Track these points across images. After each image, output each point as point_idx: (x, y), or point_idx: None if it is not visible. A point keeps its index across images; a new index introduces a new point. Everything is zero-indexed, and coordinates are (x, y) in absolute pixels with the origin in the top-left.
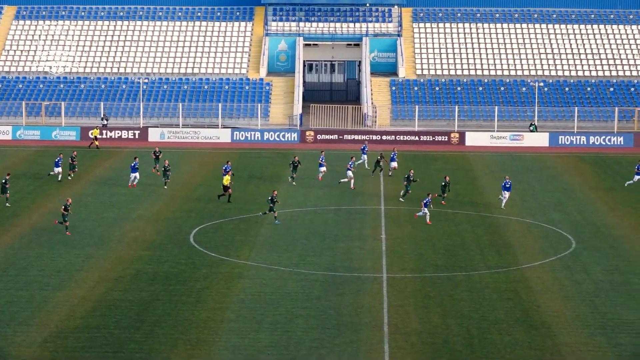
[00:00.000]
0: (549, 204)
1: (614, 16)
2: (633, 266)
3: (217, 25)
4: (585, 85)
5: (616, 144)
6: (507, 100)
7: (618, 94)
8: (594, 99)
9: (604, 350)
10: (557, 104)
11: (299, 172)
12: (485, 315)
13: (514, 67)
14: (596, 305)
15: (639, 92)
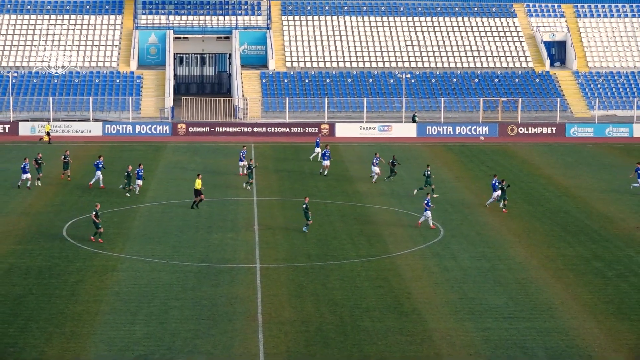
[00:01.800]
0: (418, 193)
1: (478, 9)
2: (499, 253)
3: (87, 18)
4: (450, 77)
5: (481, 134)
6: (375, 92)
7: (482, 85)
8: (460, 90)
9: (472, 334)
10: (424, 95)
11: (177, 166)
12: (358, 303)
13: (382, 60)
14: (464, 291)
15: (503, 83)
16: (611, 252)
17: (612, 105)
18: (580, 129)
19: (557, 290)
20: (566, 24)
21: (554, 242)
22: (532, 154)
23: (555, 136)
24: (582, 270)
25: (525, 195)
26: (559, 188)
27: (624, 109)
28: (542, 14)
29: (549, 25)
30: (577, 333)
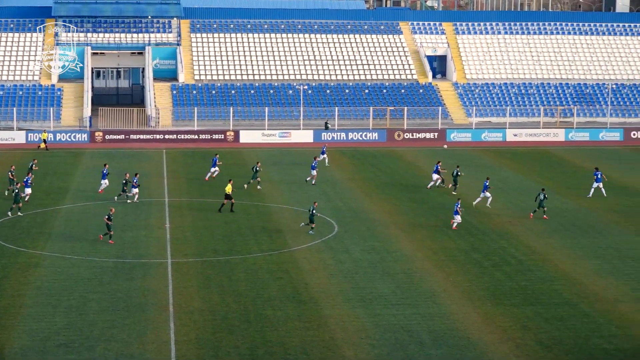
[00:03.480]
0: (314, 193)
1: (368, 27)
2: (387, 246)
3: (11, 35)
4: (344, 88)
5: (371, 139)
6: (276, 102)
7: (372, 95)
8: (352, 99)
9: (363, 320)
10: (320, 104)
11: (96, 170)
12: (260, 293)
13: (282, 72)
14: (356, 281)
15: (390, 93)
16: (487, 244)
17: (487, 113)
18: (459, 134)
19: (439, 279)
20: (446, 40)
21: (437, 236)
22: (417, 157)
23: (438, 141)
24: (461, 261)
25: (412, 194)
26: (440, 187)
27: (497, 116)
28: (425, 32)
29: (431, 41)
30: (457, 317)
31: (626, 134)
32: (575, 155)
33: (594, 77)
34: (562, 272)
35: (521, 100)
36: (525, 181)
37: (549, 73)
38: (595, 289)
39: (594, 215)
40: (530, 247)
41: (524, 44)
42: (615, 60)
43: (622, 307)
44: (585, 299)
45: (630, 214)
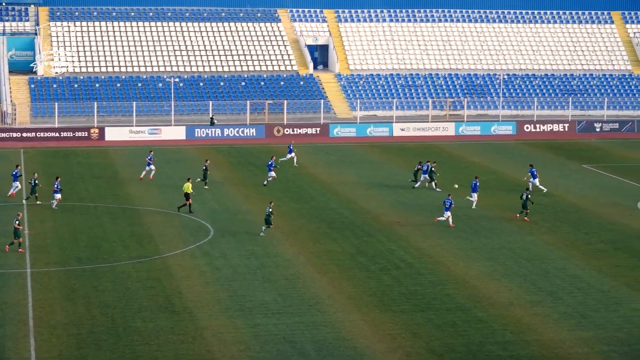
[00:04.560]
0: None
1: (243, 14)
2: (268, 250)
3: None
4: (218, 80)
5: (249, 135)
6: (144, 96)
7: (249, 88)
8: (227, 93)
9: (242, 331)
10: (193, 98)
11: None
12: (129, 304)
13: (151, 64)
14: (234, 289)
15: (269, 86)
16: (374, 246)
17: (372, 106)
18: (343, 129)
19: (324, 285)
20: (328, 28)
21: (319, 239)
22: (298, 153)
23: (320, 136)
24: (347, 265)
25: (292, 194)
26: (323, 186)
27: (383, 109)
28: (305, 19)
29: (312, 29)
30: (343, 326)
31: (519, 127)
32: (465, 150)
33: (485, 67)
34: (454, 275)
35: (408, 93)
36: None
37: (438, 63)
38: (488, 293)
39: (487, 214)
40: (419, 249)
41: (411, 32)
42: (506, 48)
43: (516, 311)
44: (479, 303)
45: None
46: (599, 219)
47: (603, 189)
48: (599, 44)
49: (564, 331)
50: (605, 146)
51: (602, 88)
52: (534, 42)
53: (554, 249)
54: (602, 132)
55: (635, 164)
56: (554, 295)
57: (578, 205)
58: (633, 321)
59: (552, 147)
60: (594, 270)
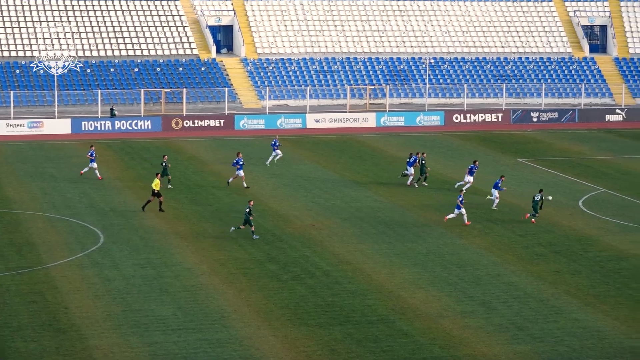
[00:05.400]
0: (73, 196)
1: None
2: (166, 259)
3: None
4: (108, 66)
5: (143, 128)
6: (23, 84)
7: (144, 75)
8: (118, 80)
9: (137, 350)
10: (79, 87)
11: None
12: (8, 322)
13: (30, 48)
14: (128, 303)
15: (166, 72)
16: (286, 253)
17: (283, 95)
18: (250, 121)
19: (230, 297)
20: (232, 7)
21: (224, 245)
22: (199, 149)
23: (225, 129)
24: (255, 274)
25: (194, 195)
26: (229, 186)
27: (295, 98)
28: None
29: (214, 9)
30: (252, 342)
31: (447, 117)
32: (388, 143)
33: (409, 51)
34: (376, 284)
35: (323, 79)
36: (330, 176)
37: (356, 46)
38: (414, 303)
39: (412, 215)
40: (337, 255)
41: (326, 11)
42: (432, 30)
43: (446, 323)
44: (404, 315)
45: (448, 212)
46: (538, 220)
47: (541, 186)
48: (535, 25)
49: (499, 345)
50: (544, 138)
51: (539, 73)
52: (463, 23)
53: (486, 253)
54: (539, 123)
55: (577, 157)
56: (487, 305)
57: (513, 205)
58: (575, 333)
59: (484, 140)
60: (531, 276)
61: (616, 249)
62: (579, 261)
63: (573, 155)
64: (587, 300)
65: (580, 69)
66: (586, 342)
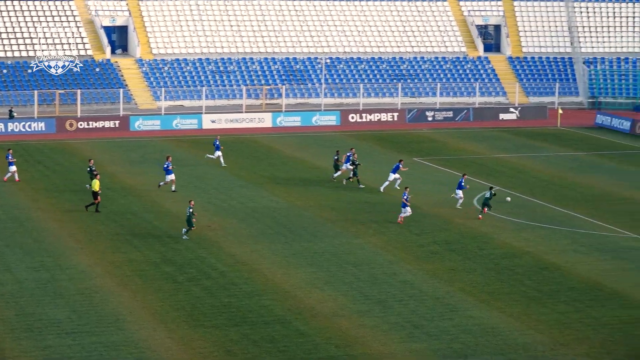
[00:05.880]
0: None
1: None
2: (60, 261)
3: None
4: (1, 68)
5: (37, 130)
6: None
7: (37, 76)
8: (11, 81)
9: (32, 354)
10: None
11: None
12: None
13: None
14: (21, 307)
15: (60, 74)
16: (182, 254)
17: (179, 95)
18: (146, 122)
19: (125, 299)
20: (127, 6)
21: (120, 247)
22: (94, 150)
23: (119, 130)
24: (151, 275)
25: (88, 196)
26: (124, 187)
27: (191, 98)
28: None
29: (109, 8)
30: (148, 344)
31: (343, 117)
32: (284, 143)
33: (305, 51)
34: (273, 284)
35: (219, 80)
36: (226, 176)
37: (252, 46)
38: (310, 303)
39: (308, 215)
40: (233, 256)
41: (222, 11)
42: (328, 29)
43: (342, 323)
44: (300, 315)
45: (349, 211)
46: (432, 218)
47: (436, 185)
48: (430, 24)
49: (395, 343)
50: (439, 137)
51: (434, 73)
52: (359, 22)
53: (382, 252)
54: (434, 122)
55: (471, 156)
56: (383, 303)
57: None
58: (470, 330)
59: (380, 139)
60: (427, 274)
61: (510, 246)
62: (473, 259)
63: (468, 154)
64: (481, 297)
65: (475, 68)
66: (481, 339)
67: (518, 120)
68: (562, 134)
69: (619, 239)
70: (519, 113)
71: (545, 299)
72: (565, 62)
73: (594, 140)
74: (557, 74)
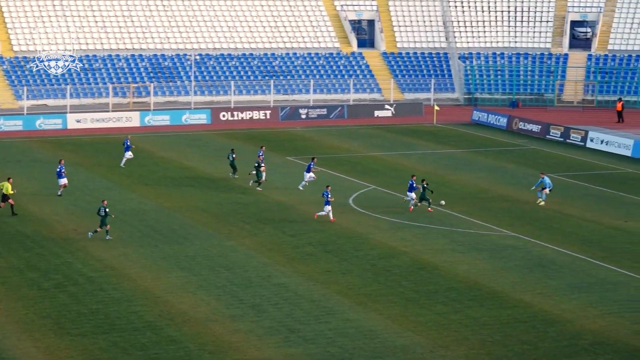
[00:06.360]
0: None
1: None
2: None
3: None
4: None
5: None
6: None
7: None
8: None
9: None
10: None
11: None
12: None
13: None
14: None
15: None
16: (47, 259)
17: (42, 94)
18: (7, 122)
19: None
20: None
21: None
22: None
23: None
24: (14, 282)
25: None
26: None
27: (56, 97)
28: None
29: None
30: (12, 354)
31: (214, 115)
32: (153, 143)
33: (173, 47)
34: (143, 290)
35: (84, 78)
36: (92, 178)
37: (118, 42)
38: (183, 308)
39: (179, 217)
40: (102, 261)
41: (86, 7)
42: (197, 25)
43: (215, 328)
44: (171, 321)
45: (221, 213)
46: (307, 219)
47: (311, 184)
48: (302, 19)
49: (270, 348)
50: (312, 135)
51: (307, 69)
52: (229, 17)
53: (256, 254)
54: (308, 119)
55: (346, 154)
56: (257, 307)
57: (283, 204)
58: (347, 333)
59: (252, 138)
60: (302, 277)
61: (387, 246)
62: (350, 260)
63: (342, 152)
64: (358, 299)
65: (349, 64)
66: (358, 342)
67: (393, 117)
68: (438, 131)
69: (497, 238)
70: (394, 110)
71: (423, 299)
72: (441, 57)
73: (471, 137)
74: (432, 70)
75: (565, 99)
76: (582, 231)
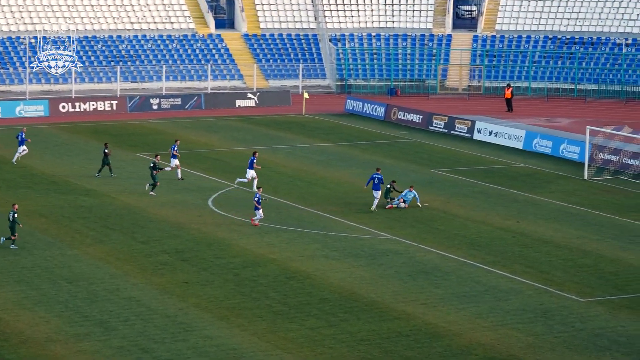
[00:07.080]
0: None
1: None
2: None
3: None
4: None
5: None
6: None
7: None
8: None
9: None
10: None
11: None
12: None
13: None
14: None
15: None
16: None
17: None
18: None
19: None
20: None
21: None
22: None
23: None
24: None
25: None
26: None
27: None
28: None
29: None
30: None
31: (53, 107)
32: None
33: (5, 29)
34: None
35: None
36: None
37: None
38: (19, 327)
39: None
40: None
41: None
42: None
43: (57, 349)
44: (6, 342)
45: (62, 218)
46: (161, 223)
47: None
48: None
49: None
50: (166, 128)
51: (158, 53)
52: None
53: (103, 264)
54: (160, 110)
55: (204, 149)
56: (105, 325)
57: (133, 207)
58: (207, 353)
59: (97, 132)
60: (156, 289)
61: (252, 253)
62: (210, 269)
63: (200, 147)
64: (220, 314)
65: (206, 47)
66: None
67: (257, 107)
68: (308, 122)
69: (375, 242)
70: (257, 99)
71: (294, 313)
72: (310, 39)
73: (345, 128)
74: (300, 54)
75: (449, 85)
76: (469, 233)
